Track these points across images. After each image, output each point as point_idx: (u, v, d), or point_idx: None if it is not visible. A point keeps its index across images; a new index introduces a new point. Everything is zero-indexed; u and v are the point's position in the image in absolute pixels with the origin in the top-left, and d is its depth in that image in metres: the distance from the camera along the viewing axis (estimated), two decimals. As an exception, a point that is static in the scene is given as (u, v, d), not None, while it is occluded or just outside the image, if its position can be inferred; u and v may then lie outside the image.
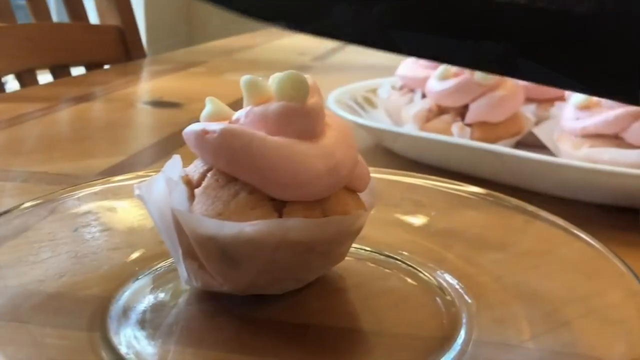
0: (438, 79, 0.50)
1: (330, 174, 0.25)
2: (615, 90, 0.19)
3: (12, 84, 1.02)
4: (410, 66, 0.57)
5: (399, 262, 0.32)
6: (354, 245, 0.31)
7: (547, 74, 0.20)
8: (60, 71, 1.00)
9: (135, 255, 0.31)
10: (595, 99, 0.44)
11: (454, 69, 0.51)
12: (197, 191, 0.26)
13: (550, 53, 0.19)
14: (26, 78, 0.94)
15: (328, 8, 0.22)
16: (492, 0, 0.19)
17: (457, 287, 0.29)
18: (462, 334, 0.26)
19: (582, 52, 0.19)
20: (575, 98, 0.45)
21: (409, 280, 0.30)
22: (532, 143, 0.49)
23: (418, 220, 0.36)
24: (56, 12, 1.88)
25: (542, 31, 0.19)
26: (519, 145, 0.50)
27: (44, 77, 1.00)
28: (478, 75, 0.48)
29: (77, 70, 1.05)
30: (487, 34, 0.19)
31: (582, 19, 0.18)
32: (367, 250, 0.33)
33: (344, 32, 0.21)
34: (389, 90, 0.57)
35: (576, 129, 0.43)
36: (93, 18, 1.13)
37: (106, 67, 1.08)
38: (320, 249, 0.26)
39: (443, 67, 0.51)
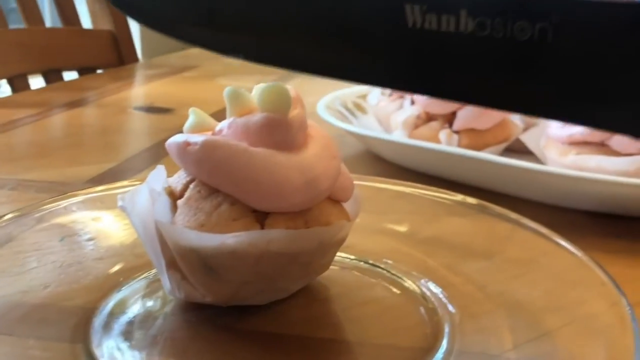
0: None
1: (311, 186, 0.25)
2: (563, 112, 0.20)
3: (4, 88, 1.01)
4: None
5: (384, 271, 0.32)
6: (338, 254, 0.31)
7: (497, 99, 0.21)
8: (52, 76, 1.00)
9: (119, 265, 0.31)
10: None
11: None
12: (179, 202, 0.26)
13: (496, 78, 0.20)
14: (18, 83, 0.93)
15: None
16: (441, 31, 0.20)
17: (441, 296, 0.29)
18: (445, 344, 0.26)
19: (527, 76, 0.19)
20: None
21: (393, 289, 0.30)
22: (519, 149, 0.49)
23: (403, 228, 0.36)
24: (50, 17, 1.88)
25: (488, 58, 0.20)
26: (506, 151, 0.50)
27: (37, 82, 1.00)
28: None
29: (70, 75, 1.05)
30: (441, 63, 0.20)
31: (525, 46, 0.19)
32: (352, 259, 0.33)
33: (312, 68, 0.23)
34: (378, 97, 0.57)
35: (563, 136, 0.43)
36: (86, 23, 1.13)
37: (99, 71, 1.08)
38: (303, 259, 0.26)
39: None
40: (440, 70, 0.21)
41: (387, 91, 0.58)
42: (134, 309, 0.28)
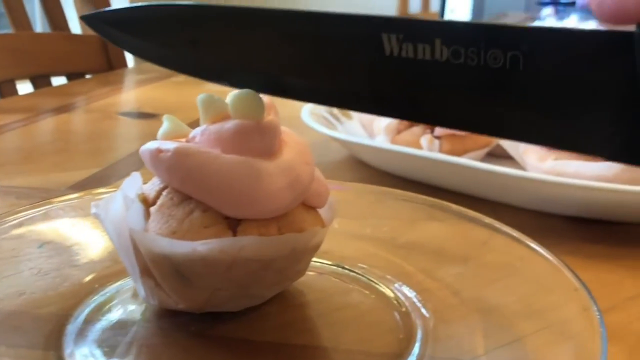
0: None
1: (284, 192, 0.25)
2: (534, 136, 0.21)
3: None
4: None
5: (360, 276, 0.32)
6: (316, 259, 0.31)
7: (472, 123, 0.21)
8: (41, 81, 1.00)
9: (96, 272, 0.31)
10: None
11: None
12: (152, 209, 0.26)
13: (471, 103, 0.21)
14: (6, 88, 0.93)
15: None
16: (418, 59, 0.21)
17: (415, 300, 0.29)
18: (416, 349, 0.26)
19: (500, 101, 0.20)
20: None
21: (369, 294, 0.30)
22: (500, 154, 0.49)
23: (381, 233, 0.36)
24: (40, 22, 1.87)
25: (463, 84, 0.20)
26: (488, 156, 0.50)
27: (25, 87, 1.00)
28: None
29: (59, 80, 1.05)
30: (418, 89, 0.21)
31: (498, 73, 0.20)
32: (328, 264, 0.33)
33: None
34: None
35: (543, 141, 0.44)
36: (75, 28, 1.13)
37: (88, 76, 1.08)
38: (276, 266, 0.26)
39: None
40: (417, 95, 0.22)
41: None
42: (109, 316, 0.28)
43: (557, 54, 0.19)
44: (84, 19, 0.28)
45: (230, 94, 0.27)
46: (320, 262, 0.33)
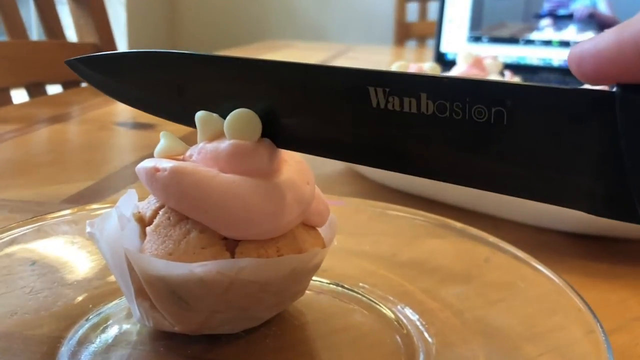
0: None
1: (283, 213, 0.25)
2: (517, 189, 0.21)
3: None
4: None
5: (360, 296, 0.31)
6: (315, 277, 0.30)
7: (457, 175, 0.21)
8: (36, 89, 0.99)
9: (89, 292, 0.30)
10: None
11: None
12: (148, 229, 0.25)
13: (456, 155, 0.21)
14: (0, 97, 0.92)
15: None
16: (404, 111, 0.21)
17: (418, 323, 0.29)
18: (419, 374, 0.25)
19: (485, 154, 0.20)
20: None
21: (369, 315, 0.30)
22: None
23: (381, 250, 0.35)
24: (36, 30, 1.87)
25: (448, 137, 0.21)
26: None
27: (20, 95, 0.99)
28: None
29: (54, 89, 1.04)
30: (404, 141, 0.21)
31: (482, 127, 0.20)
32: (328, 283, 0.32)
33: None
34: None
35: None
36: (71, 36, 1.13)
37: (83, 85, 1.07)
38: (275, 288, 0.26)
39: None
40: (402, 147, 0.23)
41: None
42: (102, 338, 0.27)
43: (540, 110, 0.20)
44: (68, 63, 0.28)
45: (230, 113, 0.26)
46: (319, 281, 0.32)
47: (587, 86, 0.20)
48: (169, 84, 0.26)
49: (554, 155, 0.20)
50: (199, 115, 0.26)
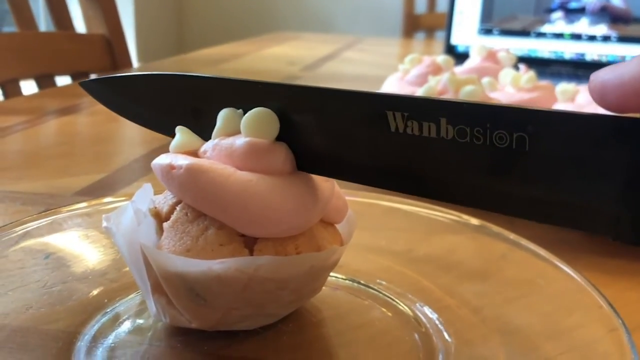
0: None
1: (301, 210, 0.24)
2: (538, 214, 0.20)
3: (-4, 93, 1.00)
4: (395, 83, 0.56)
5: (377, 292, 0.31)
6: (331, 273, 0.30)
7: (477, 200, 0.21)
8: (45, 81, 0.99)
9: (104, 286, 0.30)
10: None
11: (438, 87, 0.50)
12: (165, 225, 0.25)
13: (476, 181, 0.21)
14: (10, 88, 0.92)
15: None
16: (423, 136, 0.20)
17: (436, 321, 0.28)
18: (438, 372, 0.25)
19: (506, 180, 0.20)
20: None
21: (387, 312, 0.29)
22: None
23: (397, 246, 0.35)
24: (44, 21, 1.87)
25: (469, 162, 0.20)
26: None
27: (29, 86, 0.99)
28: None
29: (63, 80, 1.04)
30: (423, 165, 0.21)
31: (504, 153, 0.20)
32: (344, 279, 0.32)
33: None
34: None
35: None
36: (80, 27, 1.12)
37: (93, 76, 1.07)
38: (293, 285, 0.25)
39: (427, 85, 0.50)
40: (421, 171, 0.22)
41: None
42: (118, 334, 0.27)
43: (563, 136, 0.20)
44: (82, 85, 0.28)
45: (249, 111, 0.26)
46: (335, 277, 0.32)
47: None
48: (185, 107, 0.26)
49: (577, 181, 0.20)
50: (224, 111, 0.25)
